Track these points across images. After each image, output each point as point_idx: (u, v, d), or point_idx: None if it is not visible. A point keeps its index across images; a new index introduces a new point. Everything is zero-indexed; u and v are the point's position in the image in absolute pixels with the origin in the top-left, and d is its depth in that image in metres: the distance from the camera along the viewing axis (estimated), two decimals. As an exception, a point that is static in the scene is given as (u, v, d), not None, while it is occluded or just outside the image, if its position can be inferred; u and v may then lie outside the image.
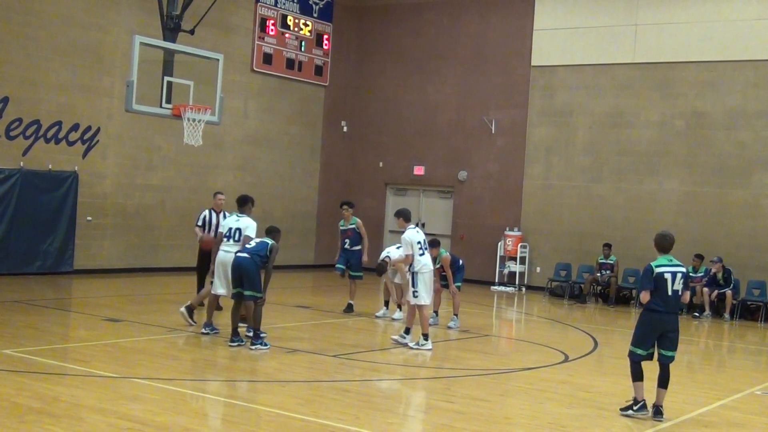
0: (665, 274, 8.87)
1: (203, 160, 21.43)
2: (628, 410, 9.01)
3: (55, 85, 18.64)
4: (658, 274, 8.87)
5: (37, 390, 8.58)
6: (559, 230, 22.17)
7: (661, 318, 8.91)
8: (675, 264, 8.95)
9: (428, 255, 12.52)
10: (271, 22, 23.04)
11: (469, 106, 23.65)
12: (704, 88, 20.45)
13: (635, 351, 9.04)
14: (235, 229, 12.11)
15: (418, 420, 8.90)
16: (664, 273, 8.87)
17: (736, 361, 14.65)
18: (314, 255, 24.70)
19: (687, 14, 20.68)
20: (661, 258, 9.01)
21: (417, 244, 12.30)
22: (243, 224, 12.11)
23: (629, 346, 9.13)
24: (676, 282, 8.89)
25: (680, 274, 8.91)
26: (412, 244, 12.26)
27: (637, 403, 8.98)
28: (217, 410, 8.54)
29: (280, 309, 15.52)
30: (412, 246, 12.25)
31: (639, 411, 8.96)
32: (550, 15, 22.48)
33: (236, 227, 12.12)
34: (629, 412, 8.99)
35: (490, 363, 12.09)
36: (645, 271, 9.00)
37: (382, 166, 25.08)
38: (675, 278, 8.89)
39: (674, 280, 8.89)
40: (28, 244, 18.22)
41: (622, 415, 8.99)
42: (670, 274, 8.88)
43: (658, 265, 8.92)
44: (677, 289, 8.91)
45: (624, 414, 9.00)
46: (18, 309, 14.05)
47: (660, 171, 20.89)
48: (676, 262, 8.97)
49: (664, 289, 8.86)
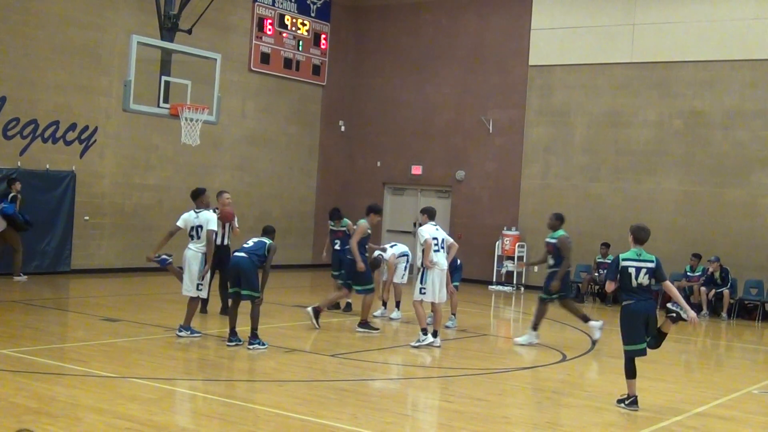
0: (629, 268, 9.14)
1: (201, 160, 21.42)
2: (621, 403, 9.27)
3: (52, 84, 18.63)
4: (623, 267, 9.16)
5: (34, 390, 8.57)
6: (557, 230, 22.12)
7: (636, 307, 9.12)
8: (643, 258, 9.19)
9: (443, 254, 12.50)
10: (269, 21, 23.04)
11: (467, 105, 23.65)
12: (702, 88, 20.47)
13: (629, 349, 9.19)
14: (197, 227, 12.05)
15: (417, 419, 8.90)
16: (628, 267, 9.15)
17: (734, 361, 14.66)
18: (312, 254, 24.67)
19: (685, 14, 20.70)
20: (631, 251, 9.26)
21: (433, 240, 12.31)
22: (203, 219, 12.04)
23: (623, 347, 9.24)
24: (640, 276, 9.13)
25: (644, 269, 9.13)
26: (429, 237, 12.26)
27: (630, 398, 9.21)
28: (215, 410, 8.54)
29: (278, 309, 15.52)
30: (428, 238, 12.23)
31: (630, 406, 9.16)
32: (548, 15, 22.49)
33: (197, 224, 12.04)
34: (621, 405, 9.24)
35: (488, 362, 12.09)
36: (612, 262, 9.35)
37: (379, 166, 25.08)
38: (639, 273, 9.14)
39: (638, 275, 9.13)
40: (25, 243, 18.18)
41: (616, 406, 9.22)
42: (635, 269, 9.14)
43: (625, 258, 9.22)
44: (641, 282, 9.15)
45: (617, 405, 9.24)
46: (15, 309, 14.04)
47: (658, 170, 20.90)
48: (646, 257, 9.20)
49: (628, 281, 9.13)
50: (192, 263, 12.01)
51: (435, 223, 12.65)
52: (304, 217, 24.60)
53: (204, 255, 12.00)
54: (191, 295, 12.07)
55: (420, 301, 12.40)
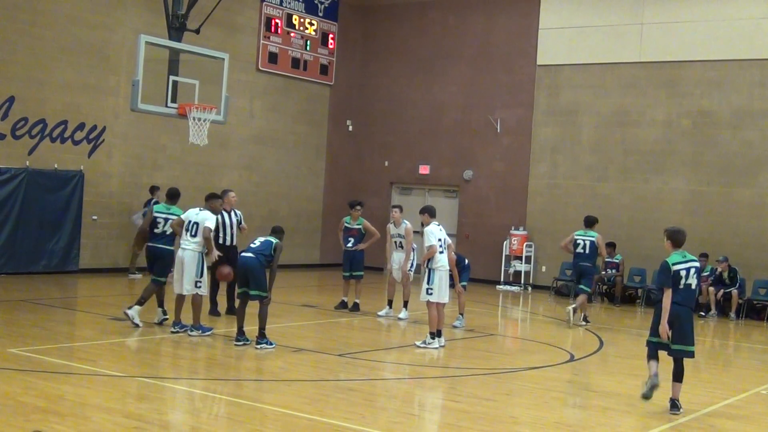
0: (681, 271, 9.04)
1: (209, 160, 21.45)
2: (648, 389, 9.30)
3: (60, 84, 18.67)
4: (675, 272, 9.03)
5: (43, 389, 8.59)
6: (564, 229, 22.01)
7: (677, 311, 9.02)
8: (689, 258, 9.15)
9: (446, 255, 12.50)
10: (277, 21, 23.06)
11: (475, 105, 23.63)
12: (710, 87, 20.41)
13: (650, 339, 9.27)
14: (195, 223, 12.10)
15: (424, 419, 8.89)
16: (680, 270, 9.04)
17: (742, 361, 14.62)
18: (320, 254, 24.71)
19: (693, 13, 20.65)
20: (676, 254, 9.14)
21: (438, 241, 12.31)
22: (201, 218, 12.10)
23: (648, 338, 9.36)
24: (689, 276, 9.08)
25: (693, 269, 9.11)
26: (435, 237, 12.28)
27: (651, 377, 9.21)
28: (223, 409, 8.55)
29: (286, 308, 15.52)
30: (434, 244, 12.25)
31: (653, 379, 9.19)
32: (556, 14, 22.46)
33: (195, 221, 12.10)
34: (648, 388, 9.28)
35: (496, 362, 12.08)
36: (662, 268, 9.09)
37: (387, 166, 25.08)
38: (689, 273, 9.08)
39: (688, 275, 9.07)
40: (33, 243, 18.25)
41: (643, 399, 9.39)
42: (685, 270, 9.06)
43: (675, 263, 9.06)
44: (690, 283, 9.08)
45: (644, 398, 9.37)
46: (24, 308, 14.08)
47: (666, 170, 20.86)
48: (690, 257, 9.17)
49: (678, 283, 9.02)
50: (189, 263, 12.02)
51: (437, 222, 12.61)
52: (311, 217, 24.61)
53: (201, 254, 12.07)
54: (191, 293, 12.10)
55: (434, 303, 12.30)
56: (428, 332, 12.40)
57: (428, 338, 12.36)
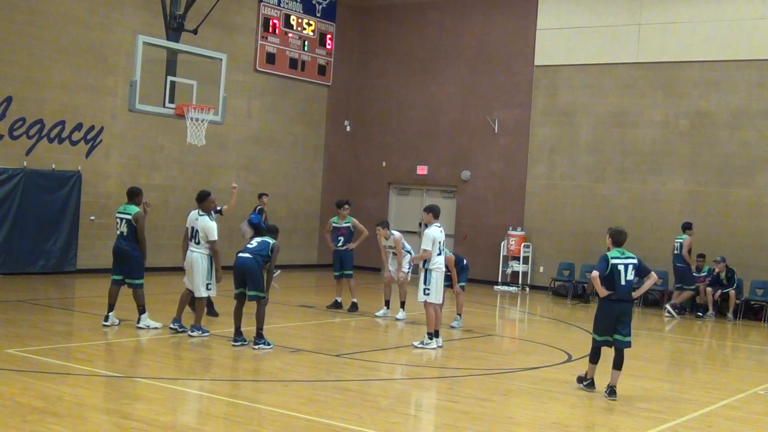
0: (619, 266, 9.73)
1: (206, 160, 21.45)
2: (581, 383, 10.12)
3: (58, 84, 18.66)
4: (612, 265, 9.73)
5: (40, 389, 8.59)
6: (562, 230, 22.16)
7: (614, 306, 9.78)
8: (627, 256, 9.85)
9: (444, 257, 12.53)
10: (275, 21, 23.06)
11: (473, 105, 23.64)
12: (708, 88, 20.43)
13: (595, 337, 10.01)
14: (196, 230, 12.22)
15: (422, 420, 8.89)
16: (618, 264, 9.73)
17: (740, 361, 14.63)
18: (317, 254, 24.70)
19: (690, 14, 20.66)
20: (615, 251, 9.86)
21: (438, 243, 12.32)
22: (201, 227, 12.17)
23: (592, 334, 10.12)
24: (627, 273, 9.75)
25: (631, 265, 9.79)
26: (434, 241, 12.28)
27: (586, 380, 10.06)
28: (221, 409, 8.55)
29: (284, 308, 15.52)
30: (433, 242, 12.26)
31: (587, 387, 10.01)
32: (554, 14, 22.47)
33: (196, 228, 12.22)
34: (581, 385, 10.10)
35: (494, 363, 12.09)
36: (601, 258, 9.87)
37: (385, 166, 25.08)
38: (627, 269, 9.76)
39: (626, 271, 9.75)
40: (31, 243, 18.24)
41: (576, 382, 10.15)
42: (623, 266, 9.75)
43: (613, 257, 9.80)
44: (630, 279, 9.77)
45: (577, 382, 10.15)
46: (21, 308, 14.07)
47: (663, 171, 20.87)
48: (628, 254, 9.86)
49: (618, 279, 9.71)
50: (197, 265, 12.06)
51: (439, 224, 12.60)
52: (309, 217, 24.61)
53: (209, 257, 12.15)
54: (201, 295, 12.12)
55: (432, 304, 12.30)
56: (426, 333, 12.41)
57: (426, 338, 12.36)
